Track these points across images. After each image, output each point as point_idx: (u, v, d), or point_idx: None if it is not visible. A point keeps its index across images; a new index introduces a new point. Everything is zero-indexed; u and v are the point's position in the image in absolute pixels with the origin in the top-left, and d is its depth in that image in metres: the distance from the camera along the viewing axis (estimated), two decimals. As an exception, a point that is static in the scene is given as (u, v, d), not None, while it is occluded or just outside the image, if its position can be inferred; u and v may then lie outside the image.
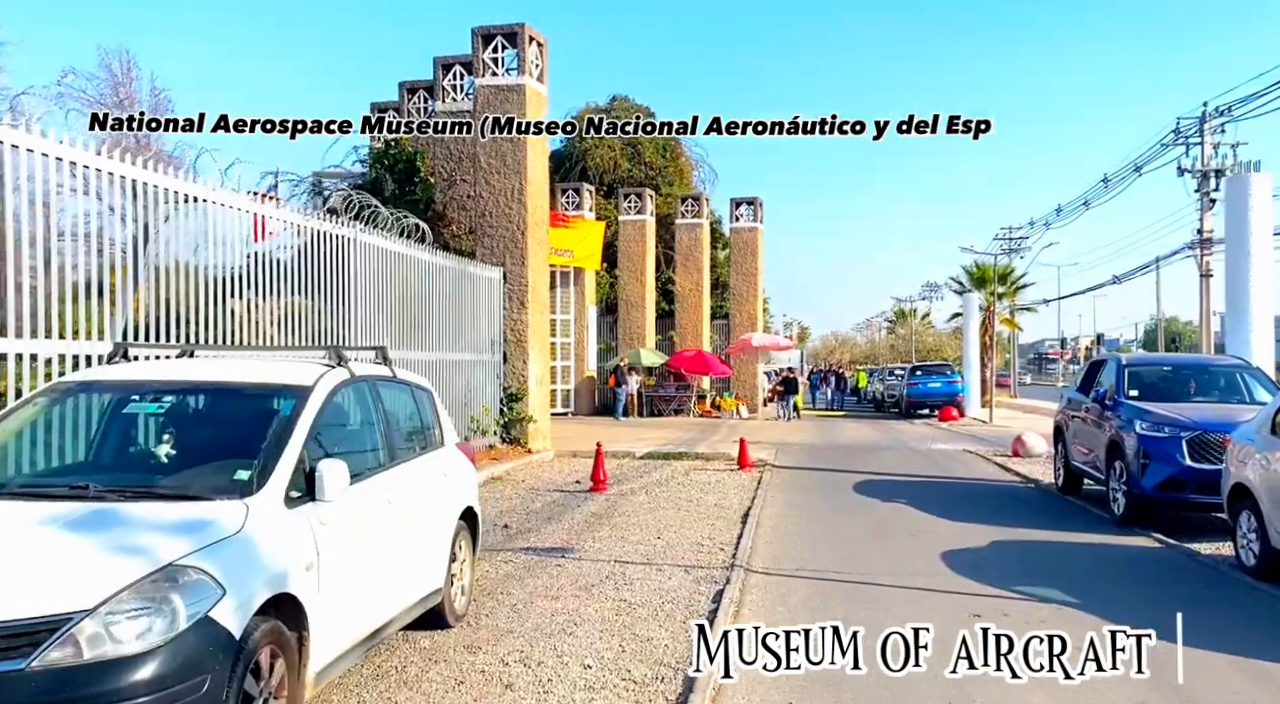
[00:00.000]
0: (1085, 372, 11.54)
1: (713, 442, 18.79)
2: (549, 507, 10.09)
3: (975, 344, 31.53)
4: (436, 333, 13.53)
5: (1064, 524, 9.34)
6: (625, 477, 12.92)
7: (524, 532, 8.56)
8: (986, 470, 14.58)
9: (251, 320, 9.57)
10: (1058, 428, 11.81)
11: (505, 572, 6.91)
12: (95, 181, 7.38)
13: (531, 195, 15.84)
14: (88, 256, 7.21)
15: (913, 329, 65.36)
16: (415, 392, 5.25)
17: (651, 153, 32.81)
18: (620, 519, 9.29)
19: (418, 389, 5.31)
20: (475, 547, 5.79)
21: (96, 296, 7.24)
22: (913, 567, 7.21)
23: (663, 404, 28.97)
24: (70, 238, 7.15)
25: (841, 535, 8.73)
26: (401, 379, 5.17)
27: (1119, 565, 7.57)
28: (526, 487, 11.72)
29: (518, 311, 15.77)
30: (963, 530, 8.94)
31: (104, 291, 7.34)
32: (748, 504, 10.37)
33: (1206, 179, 28.90)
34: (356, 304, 11.32)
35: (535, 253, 16.00)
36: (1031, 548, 8.15)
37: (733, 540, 8.22)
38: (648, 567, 7.10)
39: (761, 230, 32.15)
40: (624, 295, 30.11)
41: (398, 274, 12.44)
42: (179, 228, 8.51)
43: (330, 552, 3.73)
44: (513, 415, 15.57)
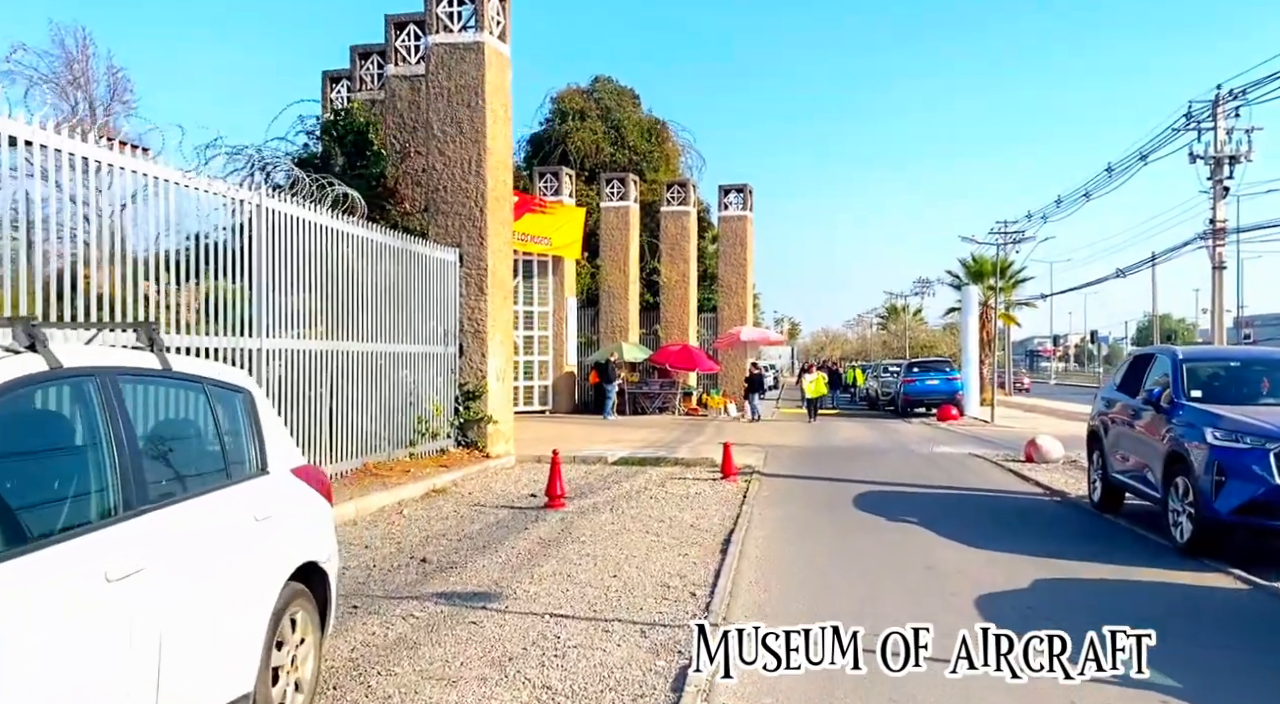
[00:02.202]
0: (1127, 367, 9.85)
1: (696, 444, 17.07)
2: (489, 529, 8.35)
3: (974, 339, 29.89)
4: (379, 321, 11.77)
5: (1114, 554, 7.65)
6: (591, 488, 11.18)
7: (446, 567, 6.81)
8: (1001, 479, 12.90)
9: (166, 305, 8.01)
10: (1093, 433, 10.12)
11: (397, 634, 5.16)
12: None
13: (492, 167, 14.08)
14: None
15: (905, 325, 63.74)
16: (214, 394, 3.48)
17: (636, 136, 31.02)
18: (573, 548, 7.55)
19: (220, 389, 3.54)
20: (326, 620, 4.04)
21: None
22: (943, 623, 5.45)
23: (646, 401, 27.22)
24: None
25: (843, 571, 7.01)
26: (184, 374, 3.38)
27: (1207, 619, 5.87)
28: (471, 501, 9.96)
29: (476, 298, 14.01)
30: (992, 562, 7.24)
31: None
32: (730, 525, 8.66)
33: (1219, 165, 27.29)
34: (282, 288, 9.63)
35: (496, 232, 14.23)
36: (1087, 590, 6.45)
37: (709, 578, 6.50)
38: (593, 625, 5.37)
39: (751, 219, 30.45)
40: (606, 286, 28.34)
41: (333, 254, 10.71)
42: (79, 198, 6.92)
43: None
44: (469, 416, 13.81)
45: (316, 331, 10.63)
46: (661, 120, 32.55)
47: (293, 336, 9.87)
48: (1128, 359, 10.02)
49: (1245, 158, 26.62)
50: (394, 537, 7.93)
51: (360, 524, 8.49)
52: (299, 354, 9.97)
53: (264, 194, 9.13)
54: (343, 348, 10.94)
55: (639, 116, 32.09)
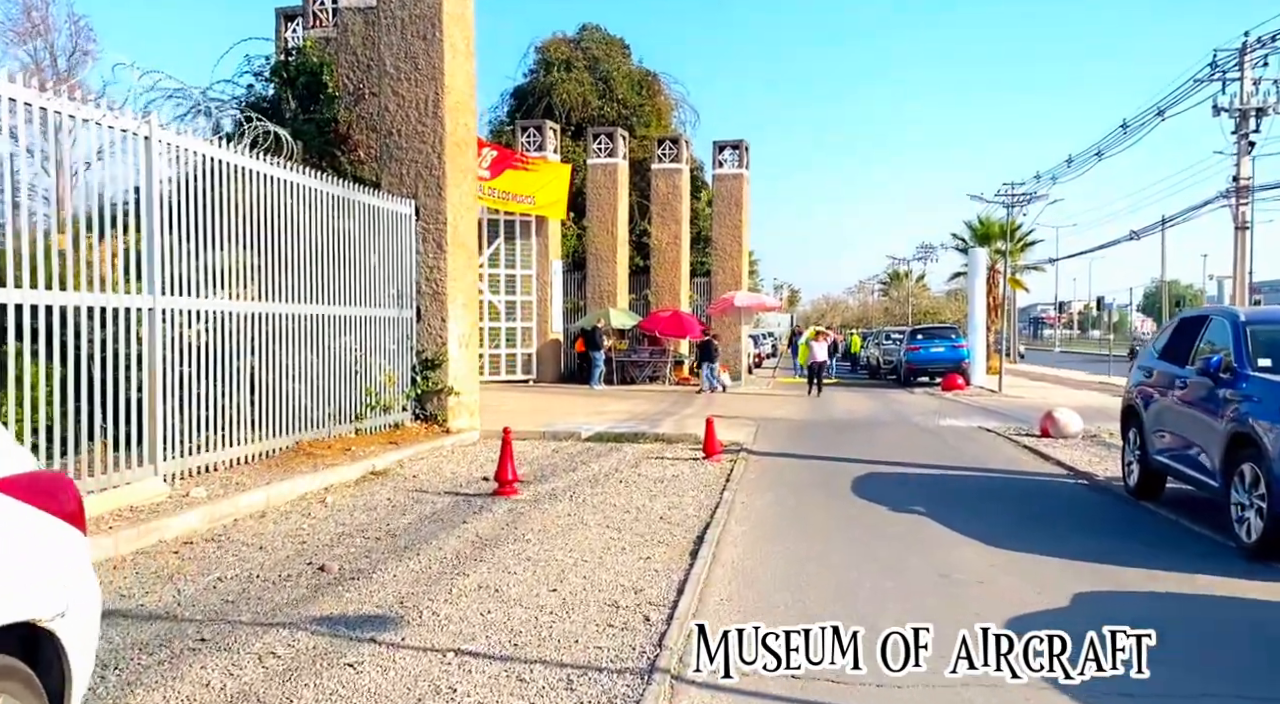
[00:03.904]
0: (1172, 332, 8.47)
1: (682, 416, 15.76)
2: (419, 524, 7.04)
3: (981, 304, 28.49)
4: (320, 282, 10.40)
5: (1165, 556, 6.36)
6: (555, 470, 9.88)
7: (348, 578, 5.51)
8: (1017, 458, 11.61)
9: (85, 261, 6.91)
10: (1129, 409, 8.79)
11: (240, 685, 3.85)
12: None
13: (450, 108, 12.59)
14: None
15: (908, 291, 62.21)
16: None
17: (625, 89, 29.34)
18: (512, 549, 6.25)
19: None
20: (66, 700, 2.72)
21: None
22: (964, 659, 4.19)
23: (635, 370, 25.88)
24: None
25: (837, 583, 5.71)
26: None
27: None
28: (412, 486, 8.66)
29: (434, 256, 12.60)
30: (1019, 568, 5.95)
31: None
32: (706, 517, 7.36)
33: (1245, 118, 25.67)
34: (189, 239, 8.28)
35: (457, 182, 12.79)
36: (1144, 610, 5.13)
37: (669, 595, 5.20)
38: (505, 669, 4.07)
39: (748, 177, 28.83)
40: (593, 249, 26.88)
41: (261, 203, 9.35)
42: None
43: None
44: (427, 387, 12.48)
45: (243, 292, 9.28)
46: (653, 72, 30.89)
47: (205, 297, 8.52)
48: (1172, 322, 8.64)
49: (1274, 110, 25.00)
50: (301, 534, 6.63)
51: (269, 517, 7.19)
52: (212, 317, 8.62)
53: (154, 125, 7.70)
54: (272, 310, 9.58)
55: (629, 68, 30.40)
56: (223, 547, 6.21)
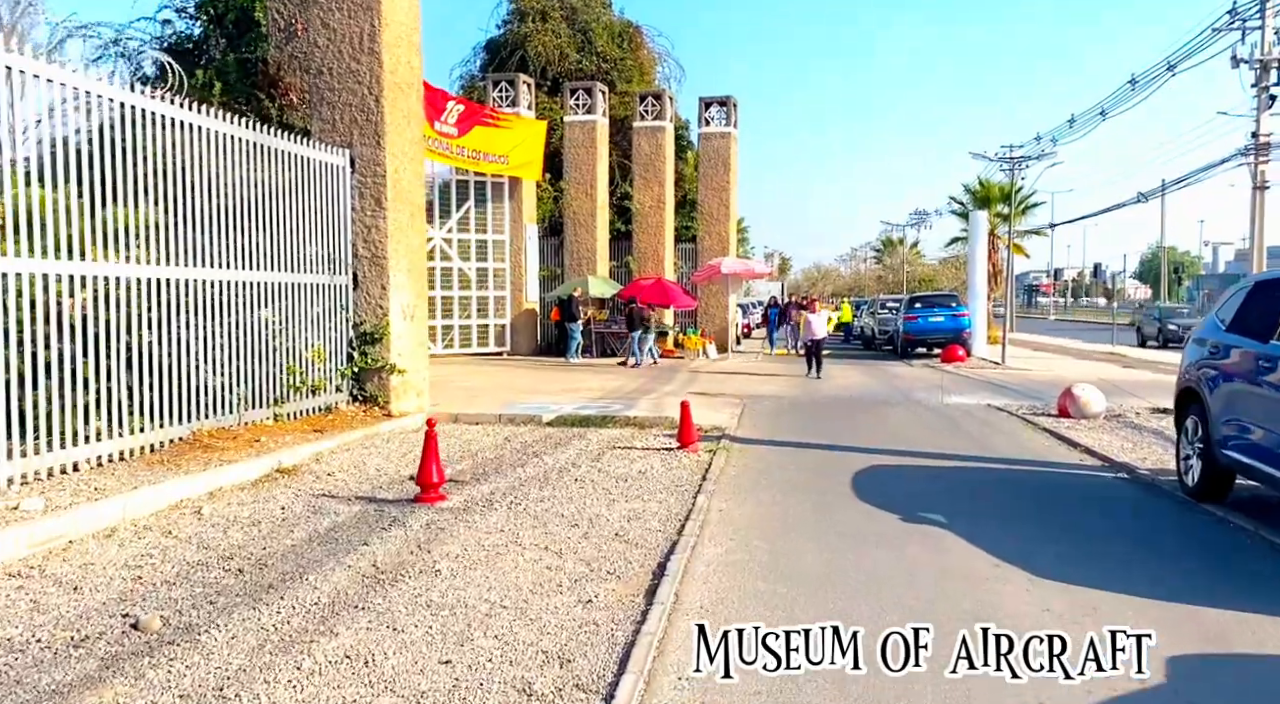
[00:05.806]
0: (1244, 299, 6.93)
1: (661, 395, 14.26)
2: (305, 547, 5.52)
3: (982, 271, 26.98)
4: (234, 242, 8.84)
5: (1260, 587, 4.91)
6: (501, 463, 8.37)
7: (166, 641, 3.98)
8: (1038, 444, 10.15)
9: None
10: (1187, 392, 7.30)
11: None
12: None
13: (389, 44, 10.90)
14: None
15: (903, 258, 60.60)
16: None
17: (605, 42, 27.44)
18: (412, 587, 4.74)
19: None
20: None
21: None
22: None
23: (616, 342, 24.30)
24: None
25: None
26: None
27: None
28: (318, 489, 7.12)
29: (373, 215, 10.98)
30: (1079, 610, 4.49)
31: None
32: (674, 533, 5.87)
33: (1266, 70, 24.01)
34: (89, 196, 6.74)
35: (399, 129, 11.12)
36: (1265, 686, 3.68)
37: (610, 664, 3.71)
38: None
39: (736, 137, 27.07)
40: (571, 212, 25.17)
41: (168, 153, 7.77)
42: None
43: None
44: (366, 364, 10.92)
45: (143, 255, 7.69)
46: (635, 24, 28.92)
47: (86, 260, 6.96)
48: (1242, 287, 7.10)
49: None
50: (143, 564, 5.11)
51: (116, 537, 5.65)
52: (96, 283, 7.08)
53: (16, 53, 6.07)
54: (172, 275, 8.03)
55: (609, 19, 28.45)
56: (23, 587, 4.68)
